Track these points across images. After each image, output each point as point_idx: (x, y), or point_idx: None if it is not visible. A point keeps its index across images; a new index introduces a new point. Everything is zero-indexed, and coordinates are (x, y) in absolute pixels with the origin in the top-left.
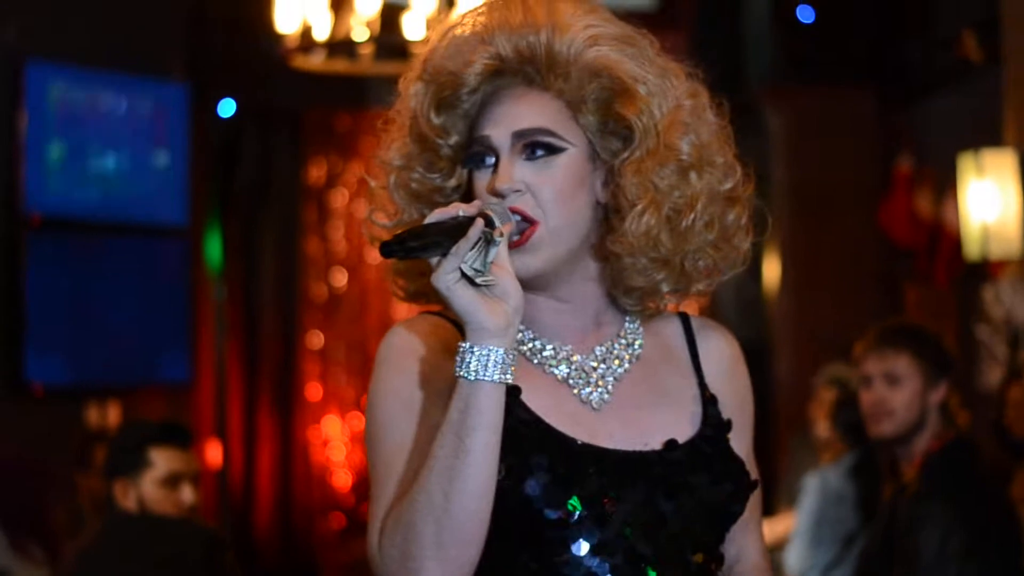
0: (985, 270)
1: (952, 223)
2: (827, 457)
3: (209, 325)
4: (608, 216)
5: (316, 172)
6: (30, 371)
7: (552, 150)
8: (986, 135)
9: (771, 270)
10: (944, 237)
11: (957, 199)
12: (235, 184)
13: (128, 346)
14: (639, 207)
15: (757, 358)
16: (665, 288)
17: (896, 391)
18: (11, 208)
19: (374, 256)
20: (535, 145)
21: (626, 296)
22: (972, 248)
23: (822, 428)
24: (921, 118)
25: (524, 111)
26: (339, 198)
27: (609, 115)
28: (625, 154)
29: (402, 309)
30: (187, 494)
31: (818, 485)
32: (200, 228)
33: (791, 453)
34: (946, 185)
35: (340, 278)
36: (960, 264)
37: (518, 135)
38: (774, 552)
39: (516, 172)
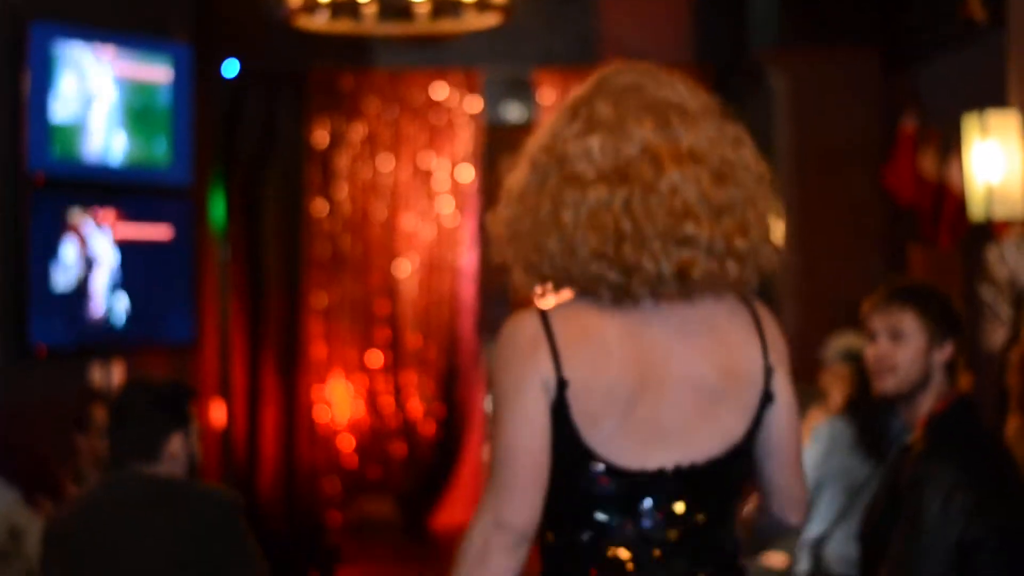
0: (989, 231)
1: (956, 184)
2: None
3: (213, 286)
4: None
5: (320, 132)
6: (34, 333)
7: None
8: (990, 96)
9: (776, 230)
10: (948, 198)
11: (961, 160)
12: (239, 145)
13: (132, 307)
14: None
15: None
16: None
17: (900, 347)
18: (15, 168)
19: (378, 216)
20: None
21: None
22: (976, 209)
23: (837, 400)
24: (925, 79)
25: None
26: (343, 158)
27: None
28: None
29: (405, 270)
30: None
31: (828, 432)
32: (204, 189)
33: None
34: (950, 146)
35: (344, 238)
36: (964, 225)
37: None
38: None
39: None
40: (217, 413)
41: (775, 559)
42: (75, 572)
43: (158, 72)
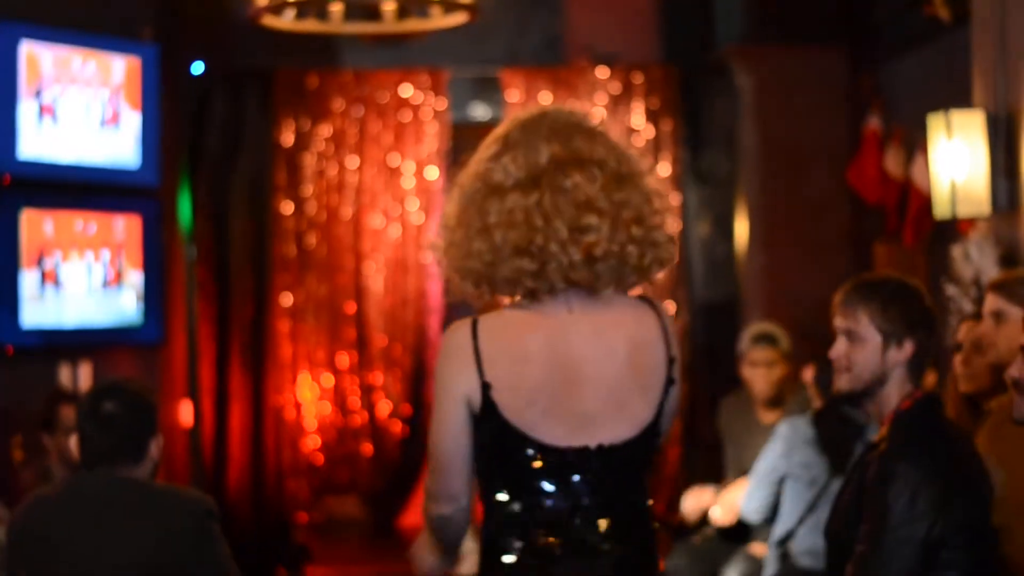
0: (954, 229)
1: (921, 182)
2: None
3: (180, 285)
4: None
5: (287, 132)
6: (1, 333)
7: None
8: (955, 95)
9: (741, 228)
10: (913, 196)
11: (926, 158)
12: (205, 145)
13: (100, 307)
14: None
15: (728, 315)
16: None
17: (856, 348)
18: None
19: (345, 216)
20: None
21: None
22: (941, 207)
23: (762, 388)
24: (890, 77)
25: None
26: (310, 158)
27: None
28: None
29: (372, 269)
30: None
31: (786, 431)
32: (172, 189)
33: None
34: (915, 144)
35: (311, 237)
36: (929, 223)
37: None
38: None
39: None
40: (185, 413)
41: (758, 549)
42: (42, 571)
43: (124, 72)
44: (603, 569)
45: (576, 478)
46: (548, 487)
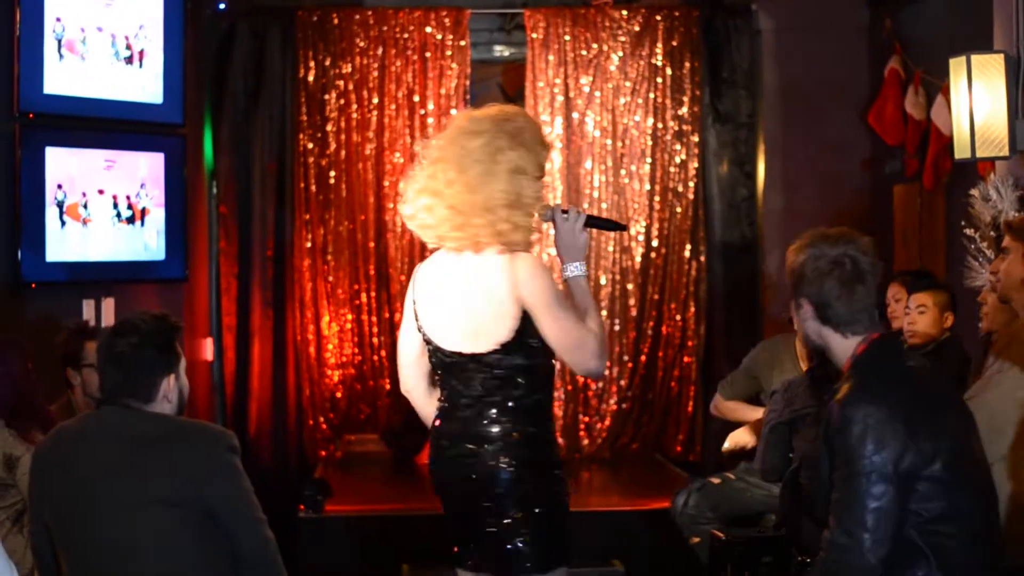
0: (973, 171)
1: (941, 124)
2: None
3: (203, 222)
4: None
5: (309, 71)
6: (25, 269)
7: None
8: (975, 38)
9: (761, 169)
10: (933, 138)
11: (946, 101)
12: (228, 83)
13: (123, 243)
14: None
15: (746, 256)
16: None
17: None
18: (5, 105)
19: (366, 154)
20: None
21: None
22: (961, 149)
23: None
24: (910, 19)
25: None
26: (332, 96)
27: None
28: None
29: (393, 207)
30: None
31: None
32: (195, 127)
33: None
34: (935, 87)
35: (332, 176)
36: (948, 165)
37: None
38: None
39: None
40: (207, 349)
41: (741, 437)
42: (63, 503)
43: (148, 10)
44: (485, 448)
45: (462, 374)
46: (451, 381)
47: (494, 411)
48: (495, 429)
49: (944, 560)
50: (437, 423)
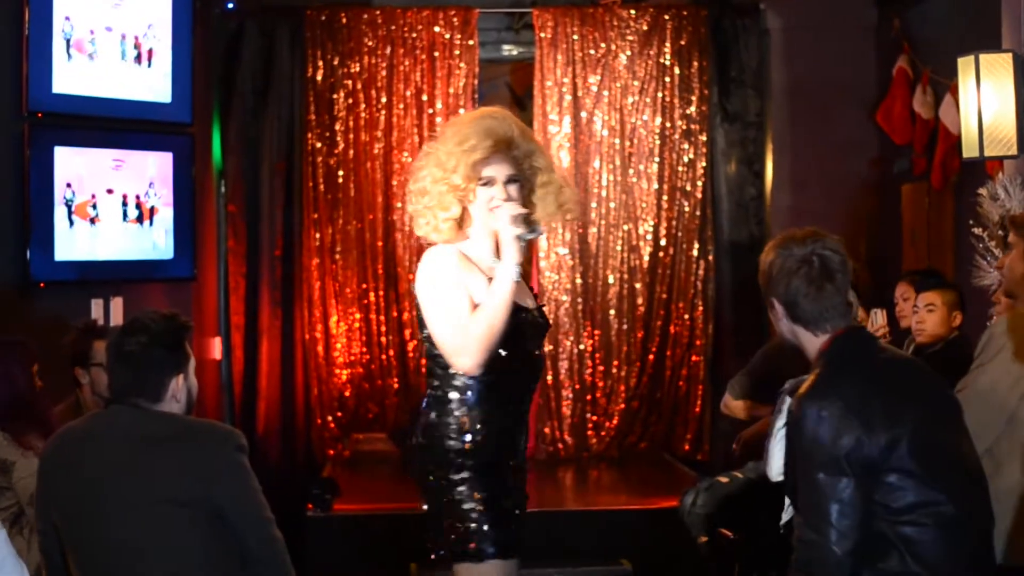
0: (982, 170)
1: (949, 123)
2: None
3: (212, 222)
4: None
5: (317, 70)
6: (34, 268)
7: (517, 179)
8: (983, 37)
9: (769, 169)
10: (941, 137)
11: (954, 100)
12: (237, 82)
13: (132, 242)
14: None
15: (754, 255)
16: None
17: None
18: (15, 104)
19: (374, 153)
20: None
21: None
22: (969, 148)
23: None
24: (918, 19)
25: (510, 164)
26: (340, 95)
27: (530, 166)
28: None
29: (401, 206)
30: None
31: (793, 388)
32: (204, 126)
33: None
34: (944, 86)
35: (341, 175)
36: (957, 164)
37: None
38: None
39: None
40: (215, 348)
41: (734, 406)
42: (71, 502)
43: (157, 9)
44: (416, 438)
45: None
46: None
47: (424, 401)
48: (421, 419)
49: (919, 552)
50: None
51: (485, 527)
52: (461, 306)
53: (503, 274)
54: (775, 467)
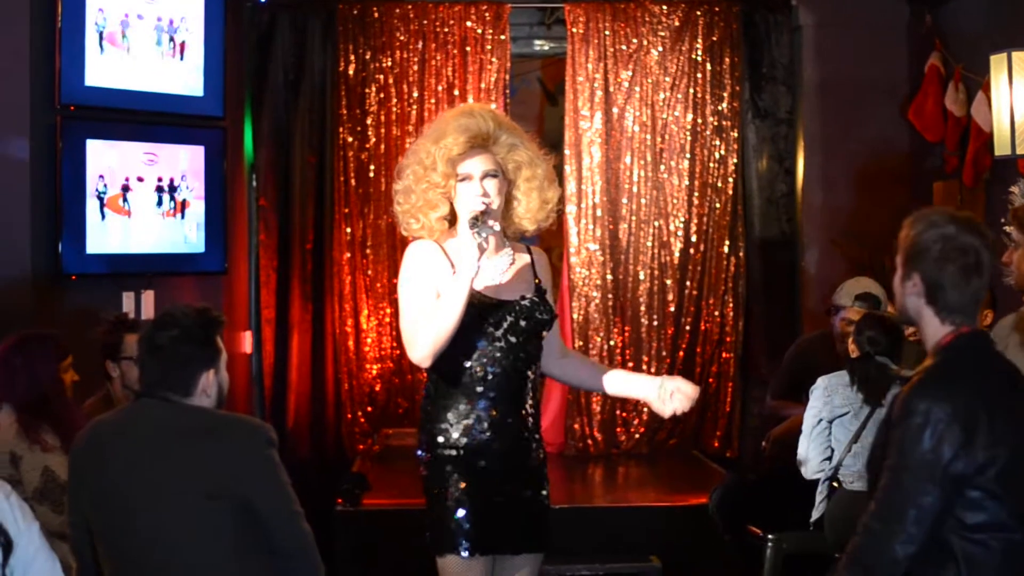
0: (1013, 167)
1: (981, 121)
2: None
3: (243, 216)
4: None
5: (349, 64)
6: (66, 261)
7: (495, 175)
8: (1016, 34)
9: (800, 165)
10: (973, 134)
11: (986, 97)
12: (269, 76)
13: (164, 236)
14: (518, 190)
15: (787, 252)
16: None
17: (896, 277)
18: (47, 96)
19: (406, 147)
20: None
21: (508, 227)
22: (1001, 145)
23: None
24: (951, 16)
25: (486, 160)
26: (372, 90)
27: (512, 161)
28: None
29: None
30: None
31: (822, 384)
32: (235, 119)
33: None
34: (976, 83)
35: (373, 170)
36: (988, 161)
37: (486, 171)
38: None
39: (486, 186)
40: (246, 342)
41: (774, 406)
42: (101, 495)
43: (190, 1)
44: None
45: None
46: None
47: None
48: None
49: (977, 572)
50: None
51: (456, 522)
52: (416, 301)
53: (457, 277)
54: (811, 466)
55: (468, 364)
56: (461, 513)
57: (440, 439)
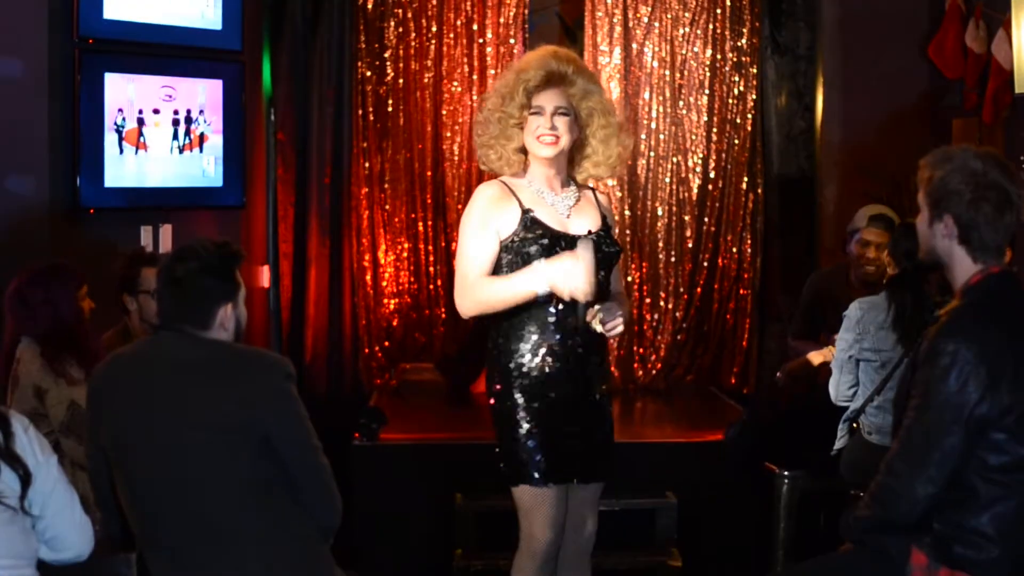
0: None
1: (1002, 58)
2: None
3: (261, 150)
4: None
5: None
6: (84, 195)
7: (566, 113)
8: None
9: (820, 102)
10: (993, 72)
11: (1008, 34)
12: (287, 9)
13: (182, 170)
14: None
15: (804, 189)
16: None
17: (919, 217)
18: (65, 30)
19: (424, 82)
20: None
21: (578, 174)
22: (1021, 82)
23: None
24: None
25: (559, 96)
26: (390, 24)
27: (585, 108)
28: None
29: (450, 136)
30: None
31: (856, 315)
32: (254, 53)
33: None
34: (997, 21)
35: (391, 104)
36: (1008, 99)
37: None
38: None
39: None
40: (264, 276)
41: (815, 357)
42: (120, 429)
43: None
44: None
45: None
46: None
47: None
48: None
49: (999, 512)
50: None
51: (528, 452)
52: (470, 251)
53: (525, 283)
54: (839, 392)
55: (539, 297)
56: (532, 444)
57: (513, 371)
